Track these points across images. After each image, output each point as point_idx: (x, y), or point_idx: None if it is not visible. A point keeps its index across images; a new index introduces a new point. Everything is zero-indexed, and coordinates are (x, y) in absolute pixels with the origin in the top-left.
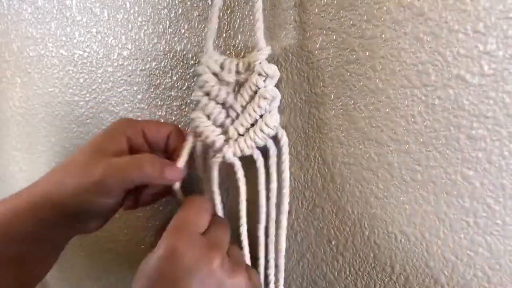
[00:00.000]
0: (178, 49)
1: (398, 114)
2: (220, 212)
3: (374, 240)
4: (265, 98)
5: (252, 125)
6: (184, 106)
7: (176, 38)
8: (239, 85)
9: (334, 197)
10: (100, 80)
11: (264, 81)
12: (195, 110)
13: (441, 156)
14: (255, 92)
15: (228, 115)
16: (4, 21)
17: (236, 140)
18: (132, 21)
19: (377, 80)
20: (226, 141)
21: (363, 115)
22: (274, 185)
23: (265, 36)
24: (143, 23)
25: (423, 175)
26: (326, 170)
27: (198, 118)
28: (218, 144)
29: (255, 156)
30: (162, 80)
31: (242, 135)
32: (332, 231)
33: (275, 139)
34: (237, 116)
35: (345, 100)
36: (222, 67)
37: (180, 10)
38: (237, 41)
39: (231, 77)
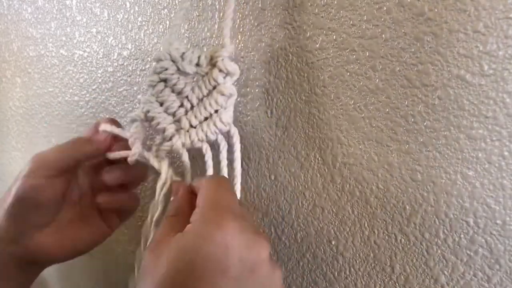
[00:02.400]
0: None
1: (398, 114)
2: None
3: (374, 240)
4: (222, 94)
5: (206, 118)
6: None
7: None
8: (196, 78)
9: (334, 197)
10: (100, 80)
11: (224, 77)
12: (149, 95)
13: (441, 156)
14: (214, 87)
15: (181, 105)
16: (4, 21)
17: (187, 131)
18: (132, 21)
19: (377, 80)
20: (177, 131)
21: (363, 115)
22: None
23: (265, 36)
24: (143, 23)
25: (423, 175)
26: (326, 170)
27: (150, 103)
28: (168, 132)
29: (204, 149)
30: None
31: (194, 127)
32: (332, 231)
33: (228, 135)
34: (192, 107)
35: (345, 100)
36: (182, 57)
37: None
38: (237, 41)
39: (191, 69)
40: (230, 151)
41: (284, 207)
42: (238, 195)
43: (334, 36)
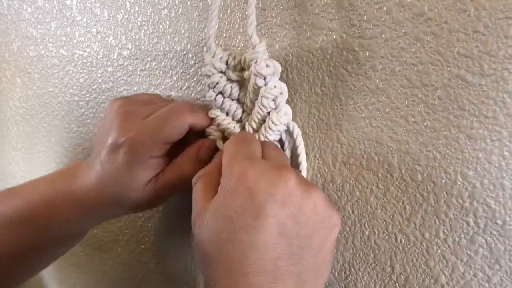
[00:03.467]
0: (178, 49)
1: (398, 114)
2: None
3: (374, 240)
4: (267, 98)
5: (264, 120)
6: None
7: (176, 38)
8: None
9: (334, 197)
10: (100, 80)
11: (264, 79)
12: (213, 109)
13: (441, 156)
14: (258, 91)
15: (244, 110)
16: (4, 21)
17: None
18: (132, 21)
19: (377, 80)
20: None
21: (363, 115)
22: None
23: (265, 36)
24: (143, 23)
25: (423, 175)
26: (326, 170)
27: (218, 116)
28: None
29: None
30: (162, 80)
31: (257, 130)
32: None
33: (288, 131)
34: (251, 111)
35: (345, 100)
36: (227, 63)
37: (180, 10)
38: (237, 41)
39: (236, 76)
40: (294, 147)
41: None
42: None
43: (334, 36)
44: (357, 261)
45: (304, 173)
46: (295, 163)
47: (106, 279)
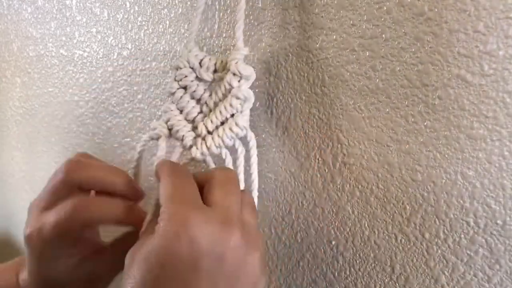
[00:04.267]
0: (178, 49)
1: (398, 114)
2: None
3: (374, 240)
4: (237, 98)
5: (222, 123)
6: None
7: (176, 38)
8: (215, 83)
9: (334, 197)
10: (100, 80)
11: (239, 81)
12: (168, 103)
13: (441, 156)
14: (229, 91)
15: (201, 111)
16: (4, 21)
17: (204, 138)
18: (132, 21)
19: (377, 80)
20: (195, 138)
21: (363, 115)
22: (241, 186)
23: (265, 36)
24: (143, 23)
25: (423, 175)
26: (326, 170)
27: (170, 111)
28: (187, 140)
29: (223, 155)
30: (162, 80)
31: (211, 132)
32: (332, 231)
33: (244, 140)
34: (209, 113)
35: (345, 100)
36: (201, 64)
37: (180, 10)
38: (237, 41)
39: (208, 75)
40: (247, 156)
41: (284, 207)
42: (256, 201)
43: (334, 36)
44: (357, 261)
45: (255, 185)
46: (247, 174)
47: None
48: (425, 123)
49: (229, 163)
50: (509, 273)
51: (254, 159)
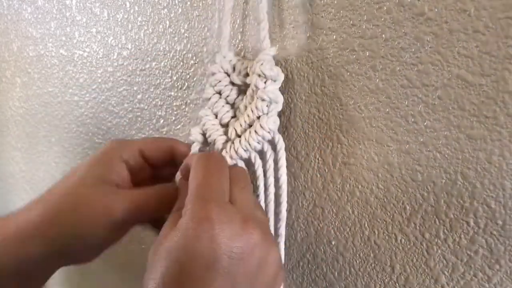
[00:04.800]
0: (178, 49)
1: (398, 114)
2: None
3: (374, 240)
4: (262, 100)
5: (250, 126)
6: (184, 106)
7: (176, 38)
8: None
9: (334, 197)
10: (100, 80)
11: (265, 82)
12: (204, 108)
13: (441, 156)
14: (256, 93)
15: (234, 115)
16: (4, 21)
17: (233, 141)
18: (132, 21)
19: (377, 80)
20: (226, 141)
21: (363, 115)
22: (271, 190)
23: (277, 41)
24: (143, 23)
25: (423, 175)
26: (326, 170)
27: (206, 116)
28: (218, 144)
29: (252, 158)
30: (162, 80)
31: (239, 136)
32: (332, 231)
33: (272, 143)
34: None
35: (345, 100)
36: (234, 68)
37: (180, 10)
38: (237, 40)
39: (239, 79)
40: (275, 160)
41: None
42: (285, 205)
43: (334, 36)
44: (357, 261)
45: (283, 190)
46: (275, 177)
47: (106, 279)
48: (425, 123)
49: (258, 167)
50: (509, 273)
51: (282, 162)
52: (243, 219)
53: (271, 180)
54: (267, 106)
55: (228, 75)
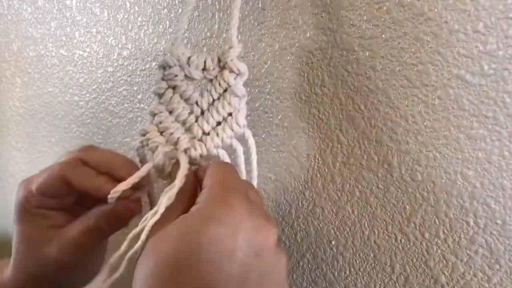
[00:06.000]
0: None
1: (398, 114)
2: None
3: (374, 240)
4: (236, 96)
5: (219, 123)
6: None
7: None
8: (204, 82)
9: (334, 197)
10: (100, 80)
11: (235, 78)
12: (157, 104)
13: (441, 156)
14: (225, 90)
15: (191, 112)
16: (4, 21)
17: (201, 139)
18: (132, 21)
19: (377, 80)
20: (191, 140)
21: (363, 115)
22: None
23: (265, 36)
24: (143, 23)
25: (423, 175)
26: (326, 170)
27: (161, 113)
28: (183, 143)
29: (220, 156)
30: None
31: (208, 134)
32: (332, 231)
33: (241, 138)
34: (202, 113)
35: (345, 100)
36: (188, 62)
37: (180, 10)
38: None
39: (198, 74)
40: (247, 155)
41: (284, 207)
42: None
43: (334, 36)
44: (357, 261)
45: (254, 183)
46: (247, 172)
47: None
48: (425, 123)
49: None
50: (509, 273)
51: (254, 156)
52: (264, 215)
53: (243, 176)
54: (238, 102)
55: (183, 69)
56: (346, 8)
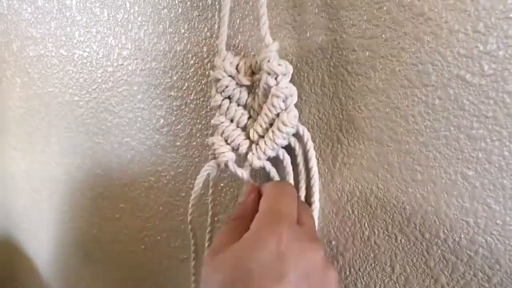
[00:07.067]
0: (178, 49)
1: (398, 114)
2: None
3: (374, 240)
4: (277, 97)
5: (271, 124)
6: (184, 106)
7: (176, 38)
8: (256, 86)
9: (334, 197)
10: (100, 80)
11: (276, 78)
12: (218, 115)
13: (441, 156)
14: (269, 91)
15: (250, 116)
16: (4, 21)
17: (257, 143)
18: (132, 21)
19: (377, 80)
20: (251, 144)
21: (363, 115)
22: (303, 183)
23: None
24: (143, 23)
25: (423, 175)
26: (326, 170)
27: (222, 123)
28: (243, 148)
29: (281, 155)
30: (162, 80)
31: (263, 136)
32: (332, 231)
33: (297, 136)
34: (258, 116)
35: (345, 100)
36: (237, 69)
37: (180, 10)
38: (237, 41)
39: (247, 80)
40: (304, 151)
41: None
42: (317, 195)
43: (334, 36)
44: (357, 261)
45: (316, 179)
46: (306, 169)
47: (106, 279)
48: (425, 123)
49: (287, 163)
50: (509, 273)
51: (311, 153)
52: (309, 237)
53: (302, 173)
54: (283, 101)
55: (233, 78)
56: (346, 8)
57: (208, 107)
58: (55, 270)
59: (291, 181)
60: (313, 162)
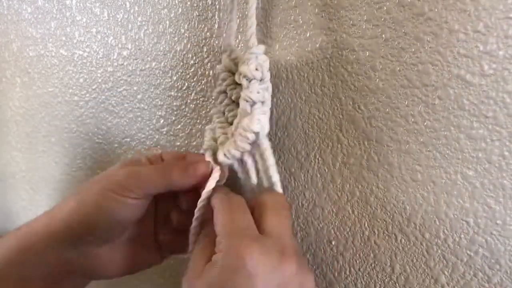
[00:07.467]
0: (178, 49)
1: (398, 114)
2: None
3: (374, 240)
4: (245, 100)
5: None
6: (184, 106)
7: (176, 38)
8: None
9: (334, 197)
10: (100, 80)
11: (249, 81)
12: (213, 107)
13: (441, 156)
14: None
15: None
16: (4, 21)
17: (223, 143)
18: (132, 21)
19: (377, 80)
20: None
21: (363, 115)
22: (260, 189)
23: (265, 36)
24: (143, 23)
25: (423, 175)
26: (326, 170)
27: (215, 114)
28: (219, 141)
29: (245, 159)
30: (162, 80)
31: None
32: (332, 231)
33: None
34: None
35: (345, 100)
36: (236, 63)
37: (180, 10)
38: (238, 41)
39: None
40: (263, 161)
41: None
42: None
43: (334, 36)
44: (357, 261)
45: (278, 189)
46: (267, 180)
47: (108, 280)
48: (425, 123)
49: (250, 167)
50: (509, 273)
51: (270, 163)
52: (280, 251)
53: (264, 181)
54: (250, 106)
55: (233, 74)
56: (346, 8)
57: (208, 107)
58: None
59: (254, 189)
60: (273, 171)
